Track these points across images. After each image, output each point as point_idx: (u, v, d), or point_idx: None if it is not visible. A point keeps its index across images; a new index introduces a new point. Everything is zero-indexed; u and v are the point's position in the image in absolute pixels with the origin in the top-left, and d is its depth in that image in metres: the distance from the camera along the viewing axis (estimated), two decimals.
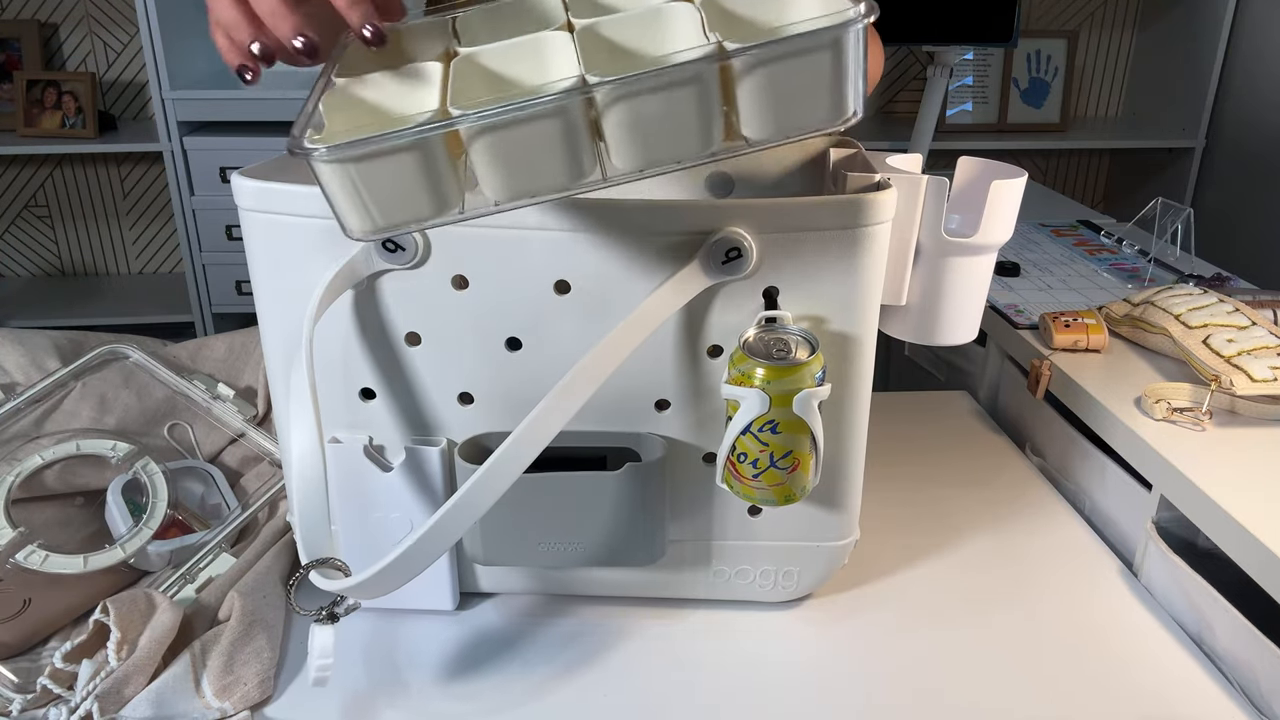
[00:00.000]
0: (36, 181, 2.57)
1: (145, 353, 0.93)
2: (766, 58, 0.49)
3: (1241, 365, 0.86)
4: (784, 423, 0.60)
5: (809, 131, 0.53)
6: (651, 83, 0.48)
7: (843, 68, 0.50)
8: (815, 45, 0.48)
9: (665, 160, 0.52)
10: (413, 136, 0.49)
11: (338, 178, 0.50)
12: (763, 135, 0.52)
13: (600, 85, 0.49)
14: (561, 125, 0.50)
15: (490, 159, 0.51)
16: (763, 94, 0.50)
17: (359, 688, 0.67)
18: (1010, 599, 0.77)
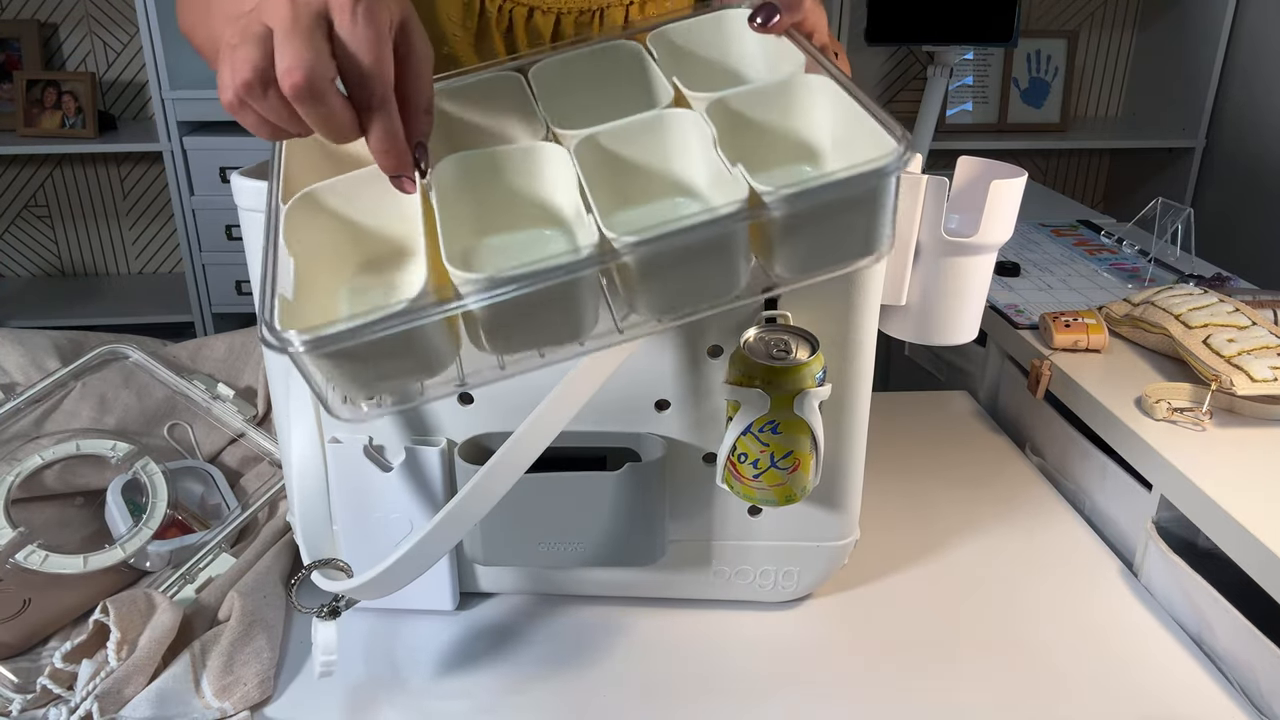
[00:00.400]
0: (36, 181, 2.57)
1: (145, 353, 0.93)
2: (804, 207, 0.45)
3: (1242, 365, 0.86)
4: (785, 423, 0.60)
5: (838, 268, 0.50)
6: (680, 241, 0.44)
7: (881, 209, 0.47)
8: (856, 193, 0.45)
9: (687, 308, 0.48)
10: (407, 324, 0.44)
11: (318, 364, 0.45)
12: (791, 274, 0.49)
13: (625, 250, 0.44)
14: (576, 291, 0.46)
15: (497, 328, 0.47)
16: (797, 239, 0.47)
17: (359, 687, 0.67)
18: (1010, 599, 0.77)
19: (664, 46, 0.63)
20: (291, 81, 0.45)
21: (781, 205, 0.45)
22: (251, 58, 0.45)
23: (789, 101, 0.54)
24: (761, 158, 0.52)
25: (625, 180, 0.53)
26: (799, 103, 0.54)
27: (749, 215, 0.45)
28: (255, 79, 0.46)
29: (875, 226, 0.48)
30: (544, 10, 0.80)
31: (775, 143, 0.54)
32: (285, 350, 0.43)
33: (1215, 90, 2.33)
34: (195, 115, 2.24)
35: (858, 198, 0.46)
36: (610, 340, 0.49)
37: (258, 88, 0.46)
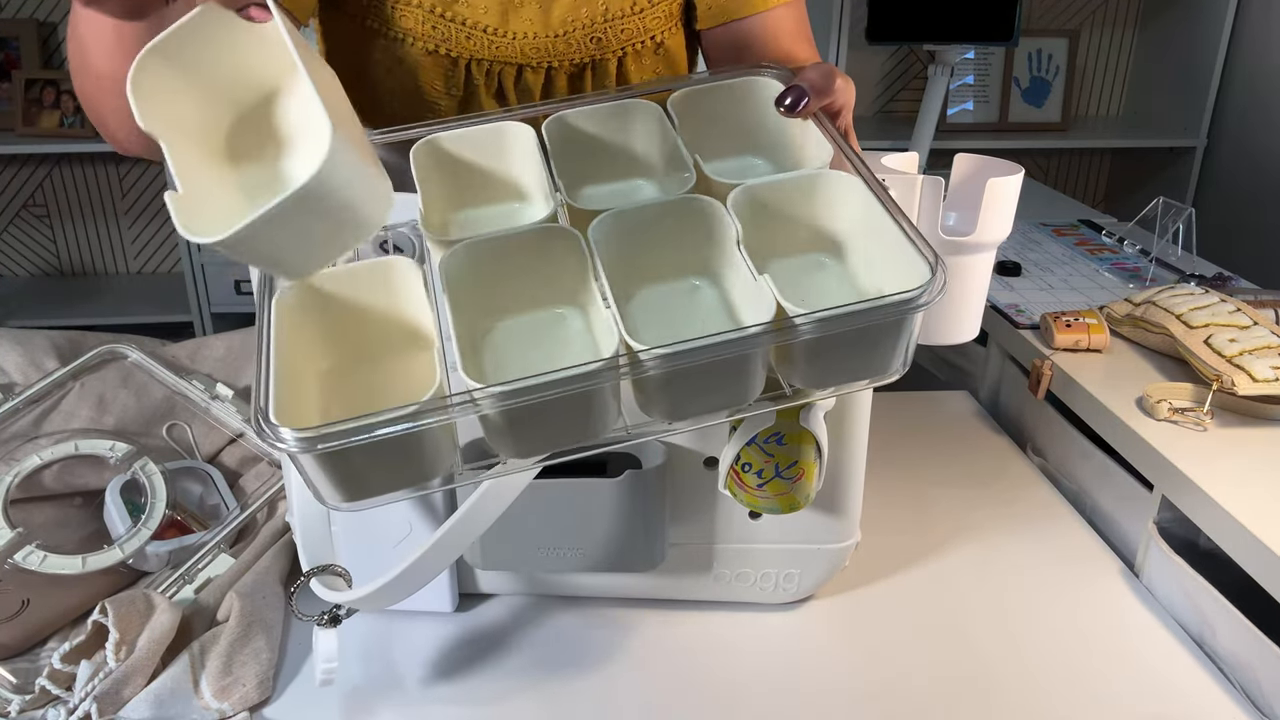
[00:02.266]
0: (35, 181, 2.57)
1: (144, 353, 0.92)
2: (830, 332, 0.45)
3: (1243, 365, 0.86)
4: (790, 434, 0.59)
5: (854, 386, 0.51)
6: (706, 356, 0.44)
7: (901, 337, 0.47)
8: (883, 322, 0.45)
9: (700, 415, 0.48)
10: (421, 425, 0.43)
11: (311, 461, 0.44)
12: (807, 387, 0.49)
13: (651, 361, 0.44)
14: (594, 396, 0.45)
15: (505, 430, 0.46)
16: (818, 358, 0.47)
17: (358, 688, 0.67)
18: (1011, 600, 0.77)
19: (685, 109, 0.61)
20: None
21: (810, 329, 0.45)
22: None
23: (814, 195, 0.54)
24: (782, 244, 0.51)
25: (642, 257, 0.52)
26: (824, 196, 0.54)
27: (775, 337, 0.45)
28: None
29: (895, 350, 0.48)
30: (534, 67, 0.78)
31: (797, 230, 0.54)
32: (277, 447, 0.43)
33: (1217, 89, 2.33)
34: None
35: (884, 325, 0.46)
36: (619, 439, 0.49)
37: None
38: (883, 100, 2.64)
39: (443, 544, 0.57)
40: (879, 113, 2.65)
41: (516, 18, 0.77)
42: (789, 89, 0.55)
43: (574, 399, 0.45)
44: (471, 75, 0.78)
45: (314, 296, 0.52)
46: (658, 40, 0.81)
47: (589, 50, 0.79)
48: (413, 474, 0.47)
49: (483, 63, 0.77)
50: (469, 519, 0.57)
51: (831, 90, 0.56)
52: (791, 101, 0.54)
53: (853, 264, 0.54)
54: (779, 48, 0.81)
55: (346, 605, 0.62)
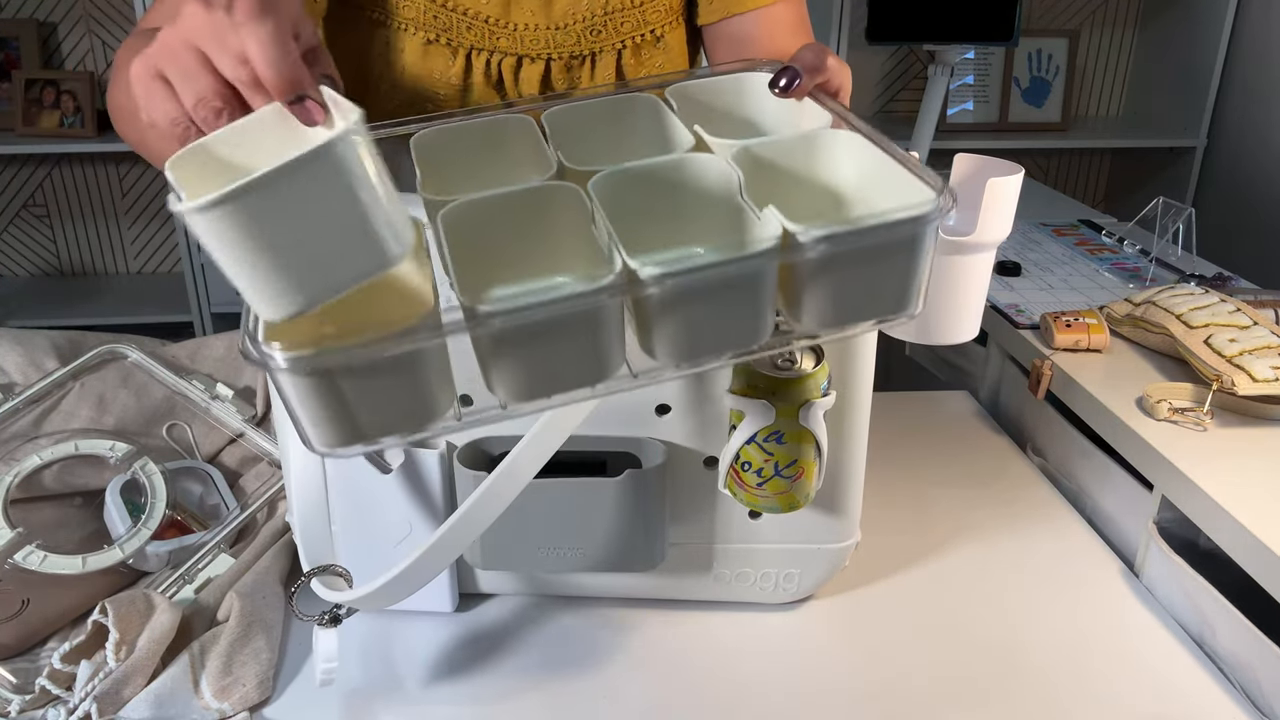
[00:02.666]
0: (35, 181, 2.57)
1: (144, 353, 0.92)
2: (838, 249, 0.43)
3: (1243, 365, 0.86)
4: (789, 433, 0.59)
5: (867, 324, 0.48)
6: (709, 277, 0.42)
7: (916, 261, 0.45)
8: (892, 240, 0.43)
9: (707, 355, 0.46)
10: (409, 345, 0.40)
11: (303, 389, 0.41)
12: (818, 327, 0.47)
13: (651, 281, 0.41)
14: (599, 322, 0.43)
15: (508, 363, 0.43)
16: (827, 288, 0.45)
17: (358, 688, 0.67)
18: (1011, 600, 0.77)
19: (683, 100, 0.61)
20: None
21: (816, 246, 0.43)
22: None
23: (815, 153, 0.52)
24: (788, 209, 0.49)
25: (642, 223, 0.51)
26: (825, 155, 0.52)
27: (782, 254, 0.43)
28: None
29: (909, 281, 0.46)
30: (532, 58, 0.78)
31: (798, 194, 0.52)
32: (265, 366, 0.40)
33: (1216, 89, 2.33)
34: None
35: (893, 247, 0.44)
36: (623, 386, 0.46)
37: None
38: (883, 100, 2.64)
39: (443, 543, 0.57)
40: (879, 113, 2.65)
41: (518, 9, 0.78)
42: (783, 69, 0.55)
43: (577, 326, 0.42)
44: (471, 65, 0.78)
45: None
46: (657, 34, 0.81)
47: (589, 42, 0.79)
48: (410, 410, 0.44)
49: (482, 53, 0.78)
50: (469, 518, 0.57)
51: (825, 69, 0.56)
52: (785, 82, 0.54)
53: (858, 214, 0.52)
54: (779, 43, 0.82)
55: (347, 605, 0.62)
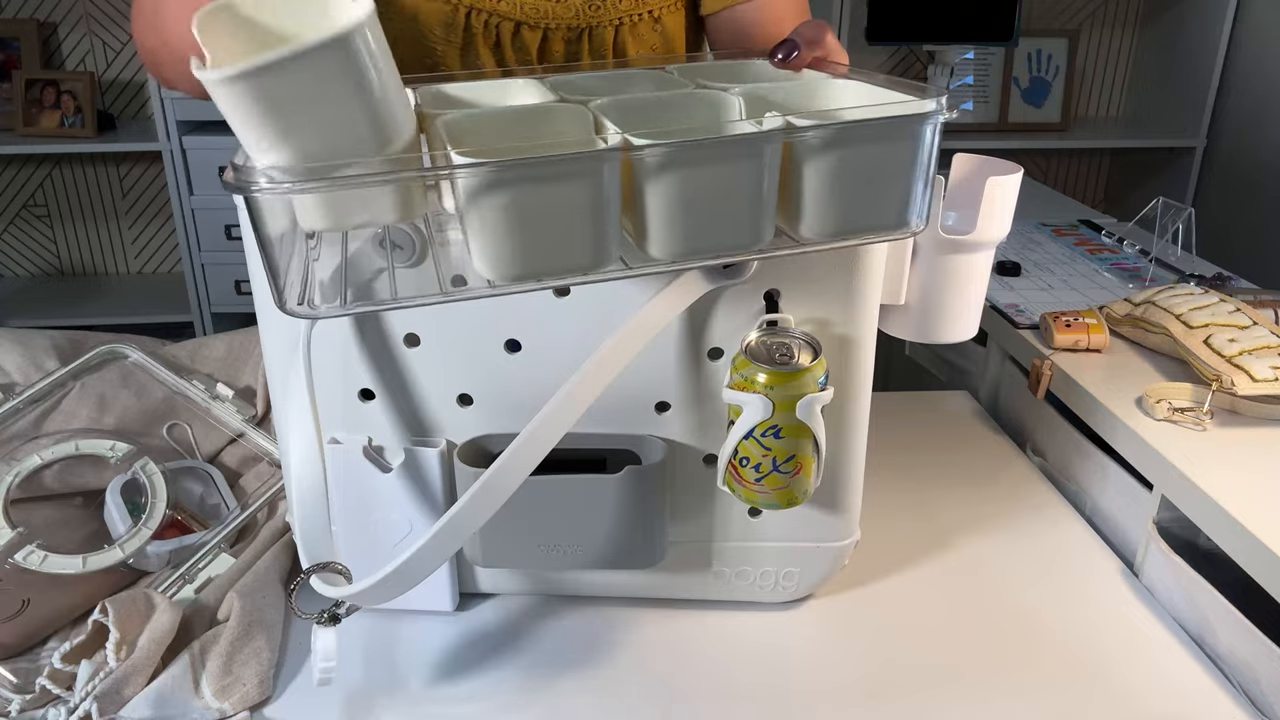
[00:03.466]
0: (35, 181, 2.57)
1: (144, 353, 0.92)
2: (839, 140, 0.43)
3: (1243, 365, 0.86)
4: (787, 428, 0.60)
5: (868, 235, 0.47)
6: (710, 153, 0.41)
7: (917, 166, 0.45)
8: (893, 134, 0.43)
9: (705, 250, 0.45)
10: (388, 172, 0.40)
11: (242, 107, 0.39)
12: (818, 235, 0.46)
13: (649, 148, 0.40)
14: (595, 194, 0.41)
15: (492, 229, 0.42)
16: (829, 192, 0.44)
17: (358, 688, 0.67)
18: (1011, 599, 0.77)
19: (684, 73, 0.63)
20: None
21: (819, 132, 0.42)
22: None
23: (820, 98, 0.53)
24: None
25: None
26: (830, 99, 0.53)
27: (782, 134, 0.42)
28: None
29: (909, 190, 0.45)
30: (531, 25, 0.80)
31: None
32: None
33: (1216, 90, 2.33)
34: (195, 115, 2.24)
35: (893, 144, 0.44)
36: (614, 275, 0.45)
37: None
38: None
39: (441, 536, 0.57)
40: None
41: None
42: (783, 41, 0.55)
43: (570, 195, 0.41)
44: (470, 25, 0.79)
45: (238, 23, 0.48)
46: (655, 15, 0.82)
47: (587, 16, 0.80)
48: (384, 200, 0.42)
49: (481, 13, 0.79)
50: (467, 511, 0.57)
51: (823, 42, 0.56)
52: (784, 53, 0.55)
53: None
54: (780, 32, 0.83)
55: (347, 602, 0.62)
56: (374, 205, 0.43)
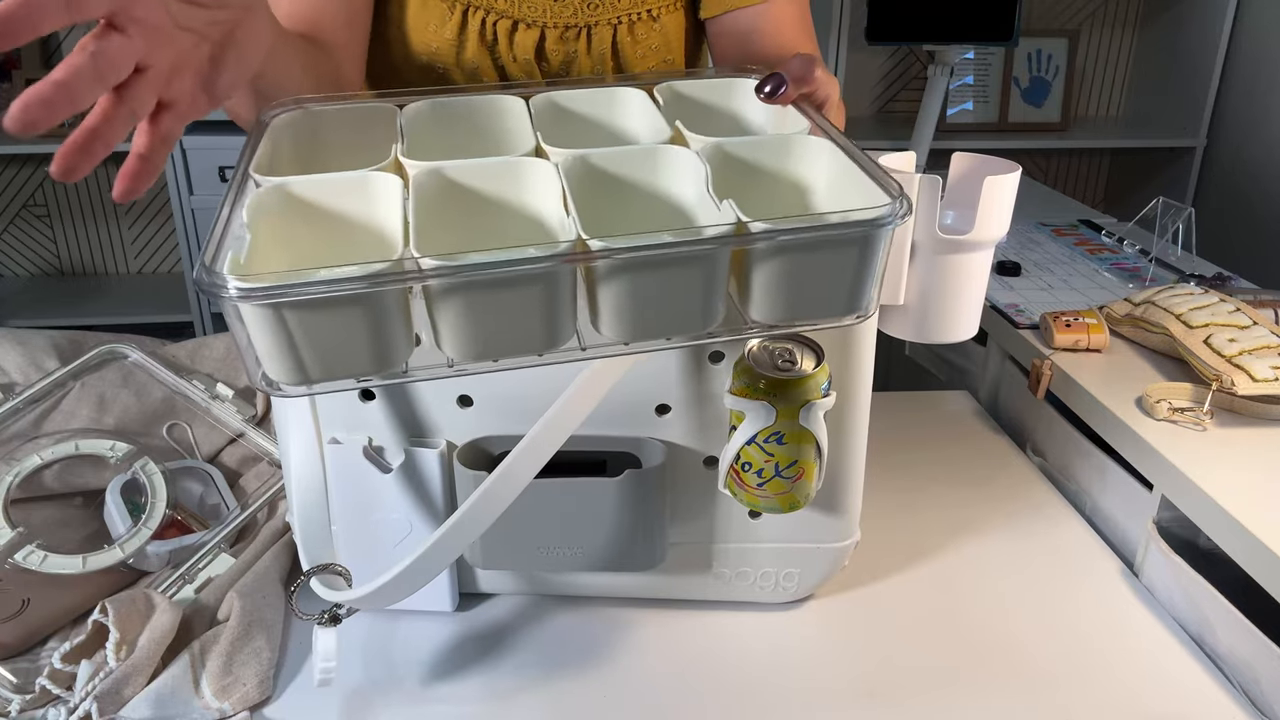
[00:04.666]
0: (35, 181, 2.57)
1: (144, 352, 0.92)
2: (791, 244, 0.44)
3: (1243, 365, 0.86)
4: (790, 434, 0.59)
5: (817, 321, 0.49)
6: (661, 256, 0.42)
7: (869, 265, 0.45)
8: (845, 238, 0.44)
9: (656, 335, 0.46)
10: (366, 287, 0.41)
11: (263, 322, 0.42)
12: (768, 320, 0.47)
13: (602, 253, 0.42)
14: (550, 290, 0.43)
15: (458, 319, 0.44)
16: (778, 281, 0.45)
17: (358, 688, 0.67)
18: (1011, 599, 0.77)
19: (671, 97, 0.62)
20: None
21: (768, 236, 0.43)
22: None
23: (786, 155, 0.53)
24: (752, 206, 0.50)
25: (610, 206, 0.51)
26: (795, 158, 0.53)
27: (734, 241, 0.43)
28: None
29: (862, 283, 0.46)
30: (528, 24, 0.79)
31: (768, 194, 0.53)
32: (219, 295, 0.40)
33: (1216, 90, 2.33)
34: None
35: (846, 247, 0.44)
36: (571, 356, 0.47)
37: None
38: (882, 100, 2.64)
39: (442, 543, 0.57)
40: (879, 113, 2.65)
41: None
42: (769, 76, 0.55)
43: (527, 291, 0.43)
44: (467, 22, 0.79)
45: (290, 201, 0.51)
46: (654, 15, 0.83)
47: (585, 15, 0.80)
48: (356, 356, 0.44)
49: (478, 11, 0.79)
50: (469, 518, 0.57)
51: (811, 79, 0.56)
52: (771, 88, 0.55)
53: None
54: (781, 40, 0.82)
55: (347, 605, 0.62)
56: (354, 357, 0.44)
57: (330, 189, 0.50)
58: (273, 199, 0.50)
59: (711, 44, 0.88)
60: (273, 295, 0.40)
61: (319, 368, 0.44)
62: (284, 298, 0.40)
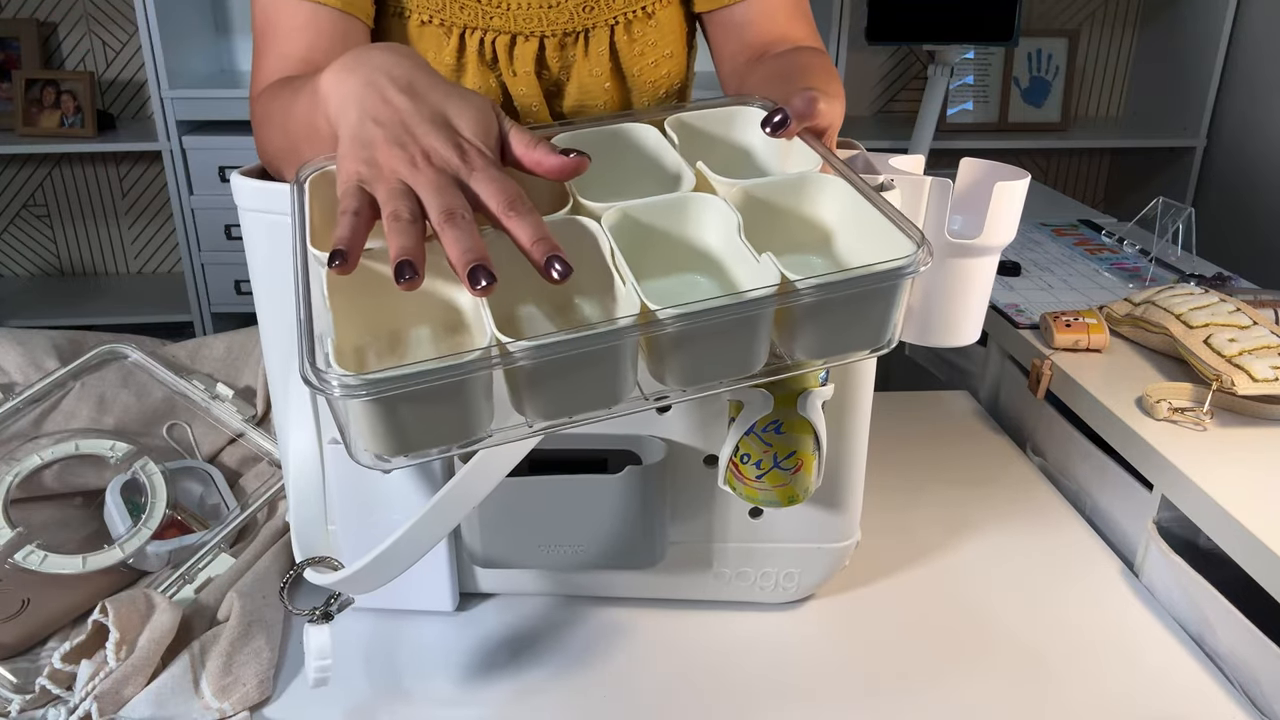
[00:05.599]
0: (35, 181, 2.57)
1: (144, 352, 0.92)
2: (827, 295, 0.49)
3: (1243, 365, 0.86)
4: (788, 423, 0.60)
5: (849, 357, 0.54)
6: (716, 319, 0.47)
7: (894, 305, 0.51)
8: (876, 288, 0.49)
9: (710, 380, 0.51)
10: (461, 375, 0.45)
11: (356, 409, 0.46)
12: (807, 357, 0.52)
13: (670, 320, 0.47)
14: (617, 355, 0.48)
15: (536, 387, 0.48)
16: (816, 326, 0.50)
17: (358, 688, 0.67)
18: (1011, 599, 0.77)
19: (681, 130, 0.65)
20: (450, 219, 0.49)
21: (811, 293, 0.48)
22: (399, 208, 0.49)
23: (804, 194, 0.57)
24: (775, 244, 0.54)
25: (645, 254, 0.55)
26: (814, 196, 0.57)
27: (780, 300, 0.48)
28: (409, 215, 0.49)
29: (888, 320, 0.51)
30: (526, 36, 0.79)
31: (788, 231, 0.57)
32: (329, 392, 0.44)
33: (1216, 90, 2.33)
34: (194, 114, 2.24)
35: (876, 293, 0.50)
36: (636, 408, 0.51)
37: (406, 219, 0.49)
38: (883, 100, 2.64)
39: (430, 518, 0.57)
40: (879, 113, 2.65)
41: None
42: (774, 111, 0.58)
43: (596, 359, 0.47)
44: (465, 45, 0.79)
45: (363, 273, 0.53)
46: (649, 11, 0.83)
47: (581, 19, 0.81)
48: (452, 429, 0.48)
49: (475, 31, 0.79)
50: (459, 490, 0.58)
51: (814, 115, 0.59)
52: (776, 123, 0.57)
53: (841, 258, 0.57)
54: (776, 28, 0.83)
55: (340, 595, 0.62)
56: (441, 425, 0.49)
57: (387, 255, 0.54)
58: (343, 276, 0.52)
59: (709, 37, 0.88)
60: (381, 389, 0.44)
61: (417, 439, 0.48)
62: (389, 391, 0.44)
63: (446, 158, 0.52)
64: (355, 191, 0.51)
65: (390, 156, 0.51)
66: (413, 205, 0.50)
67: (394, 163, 0.51)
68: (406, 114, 0.52)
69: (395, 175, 0.51)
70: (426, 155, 0.51)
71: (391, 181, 0.51)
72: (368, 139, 0.52)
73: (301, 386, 0.61)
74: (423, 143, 0.52)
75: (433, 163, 0.51)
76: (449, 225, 0.49)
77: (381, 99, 0.53)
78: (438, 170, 0.51)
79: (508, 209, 0.51)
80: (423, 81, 0.54)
